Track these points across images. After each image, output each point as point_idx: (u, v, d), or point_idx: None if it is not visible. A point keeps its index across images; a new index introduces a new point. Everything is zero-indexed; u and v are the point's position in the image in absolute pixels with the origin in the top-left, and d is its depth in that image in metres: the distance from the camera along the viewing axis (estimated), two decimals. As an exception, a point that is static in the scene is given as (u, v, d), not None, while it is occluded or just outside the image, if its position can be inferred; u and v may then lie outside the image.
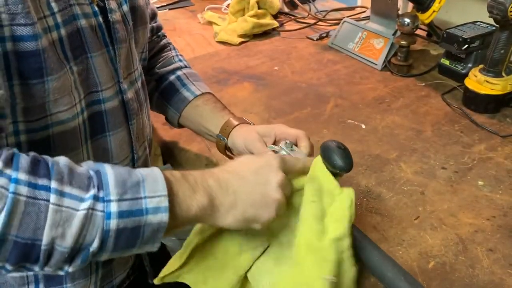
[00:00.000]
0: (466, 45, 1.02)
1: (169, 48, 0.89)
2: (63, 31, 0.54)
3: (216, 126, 0.77)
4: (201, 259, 0.61)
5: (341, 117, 0.98)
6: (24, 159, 0.45)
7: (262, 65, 1.23)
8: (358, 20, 1.35)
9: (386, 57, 1.17)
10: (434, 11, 1.09)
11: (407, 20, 1.08)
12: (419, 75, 1.14)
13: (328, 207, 0.58)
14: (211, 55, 1.31)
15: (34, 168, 0.44)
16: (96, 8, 0.59)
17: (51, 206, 0.43)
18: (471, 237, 0.67)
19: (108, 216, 0.45)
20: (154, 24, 0.87)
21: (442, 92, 1.05)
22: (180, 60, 0.88)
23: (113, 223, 0.45)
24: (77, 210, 0.44)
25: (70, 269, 0.46)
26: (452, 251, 0.65)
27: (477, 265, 0.63)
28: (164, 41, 0.89)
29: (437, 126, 0.94)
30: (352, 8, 1.59)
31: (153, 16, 0.87)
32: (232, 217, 0.52)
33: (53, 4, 0.53)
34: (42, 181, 0.44)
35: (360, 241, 0.61)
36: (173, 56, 0.87)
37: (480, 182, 0.78)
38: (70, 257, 0.45)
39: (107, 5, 0.61)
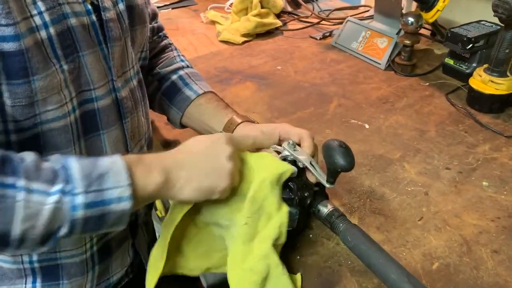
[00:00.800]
0: (471, 45, 1.01)
1: (170, 48, 0.89)
2: (52, 30, 0.54)
3: (219, 124, 0.76)
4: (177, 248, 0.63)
5: (344, 116, 0.98)
6: None
7: (265, 64, 1.23)
8: (361, 19, 1.34)
9: (389, 56, 1.17)
10: (438, 10, 1.09)
11: (411, 19, 1.08)
12: (423, 74, 1.13)
13: (260, 229, 0.60)
14: (214, 54, 1.30)
15: (1, 167, 0.46)
16: (90, 7, 0.59)
17: (20, 203, 0.46)
18: (476, 238, 0.67)
19: (74, 208, 0.47)
20: (155, 25, 0.87)
21: (446, 92, 1.05)
22: (182, 60, 0.87)
23: (80, 214, 0.48)
24: (46, 205, 0.46)
25: (45, 249, 0.49)
26: (456, 252, 0.65)
27: (481, 267, 0.63)
28: (165, 41, 0.89)
29: (441, 126, 0.93)
30: (356, 7, 1.59)
31: (154, 16, 0.86)
32: (189, 189, 0.55)
33: (39, 4, 0.53)
34: (9, 180, 0.46)
35: (363, 242, 0.61)
36: (174, 56, 0.87)
37: (484, 183, 0.77)
38: (41, 241, 0.48)
39: (100, 4, 0.61)
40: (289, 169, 0.61)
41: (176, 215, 0.60)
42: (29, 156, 0.49)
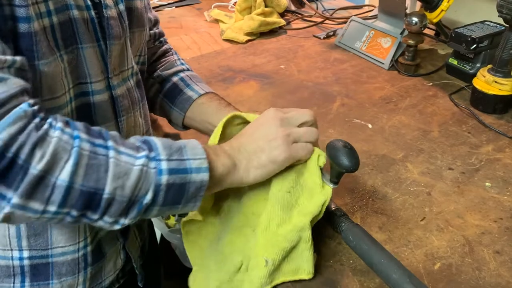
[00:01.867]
0: (475, 45, 1.01)
1: (171, 52, 0.91)
2: (55, 19, 0.55)
3: (221, 121, 0.77)
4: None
5: (347, 116, 0.98)
6: (80, 125, 0.50)
7: (269, 63, 1.23)
8: (365, 19, 1.34)
9: (393, 56, 1.17)
10: (442, 10, 1.09)
11: (415, 19, 1.08)
12: (426, 74, 1.13)
13: (301, 202, 0.62)
14: (218, 53, 1.30)
15: (89, 131, 0.50)
16: (89, 2, 0.60)
17: (111, 160, 0.49)
18: (478, 239, 0.67)
19: (159, 172, 0.51)
20: (156, 31, 0.88)
21: (449, 92, 1.04)
22: (182, 64, 0.88)
23: (164, 179, 0.51)
24: (134, 165, 0.50)
25: (126, 222, 0.52)
26: (458, 252, 0.65)
27: (483, 267, 0.62)
28: (165, 46, 0.90)
29: (444, 126, 0.93)
30: (360, 7, 1.58)
31: (155, 23, 0.88)
32: (252, 169, 0.60)
33: None
34: (98, 141, 0.50)
35: (365, 242, 0.61)
36: (175, 60, 0.88)
37: (487, 184, 0.77)
38: (127, 208, 0.50)
39: (102, 1, 0.61)
40: (324, 154, 0.64)
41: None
42: (109, 132, 0.53)
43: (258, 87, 1.11)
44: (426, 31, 1.20)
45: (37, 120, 0.47)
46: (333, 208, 0.66)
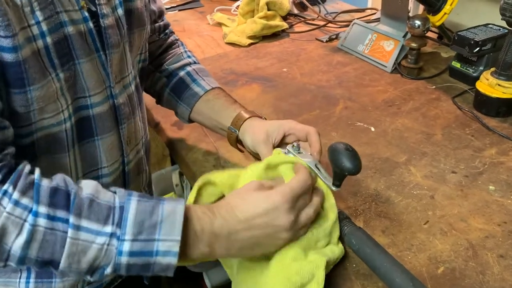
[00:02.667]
0: (478, 48, 1.01)
1: (177, 44, 0.90)
2: (49, 39, 0.54)
3: (227, 119, 0.77)
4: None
5: (350, 119, 0.97)
6: (44, 191, 0.48)
7: (271, 66, 1.23)
8: (368, 22, 1.34)
9: (396, 59, 1.16)
10: (445, 13, 1.09)
11: (417, 22, 1.07)
12: (429, 77, 1.13)
13: (320, 246, 0.62)
14: (220, 56, 1.31)
15: (54, 200, 0.48)
16: (86, 14, 0.59)
17: (68, 239, 0.47)
18: (482, 243, 0.66)
19: (119, 253, 0.49)
20: (161, 23, 0.86)
21: (452, 95, 1.04)
22: (189, 56, 0.88)
23: (124, 259, 0.49)
24: (93, 243, 0.48)
25: (92, 279, 0.51)
26: (462, 256, 0.64)
27: (487, 271, 0.62)
28: (171, 38, 0.89)
29: (447, 129, 0.93)
30: (362, 10, 1.58)
31: (160, 14, 0.86)
32: (238, 254, 0.58)
33: (38, 13, 0.52)
34: (60, 213, 0.48)
35: (368, 245, 0.60)
36: (181, 52, 0.88)
37: (491, 187, 0.77)
38: (86, 274, 0.50)
39: (99, 10, 0.61)
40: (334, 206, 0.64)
41: None
42: (86, 189, 0.50)
43: (260, 90, 1.11)
44: (429, 34, 1.20)
45: None
46: (336, 212, 0.65)
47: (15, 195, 0.47)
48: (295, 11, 1.57)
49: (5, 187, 0.47)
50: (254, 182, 0.58)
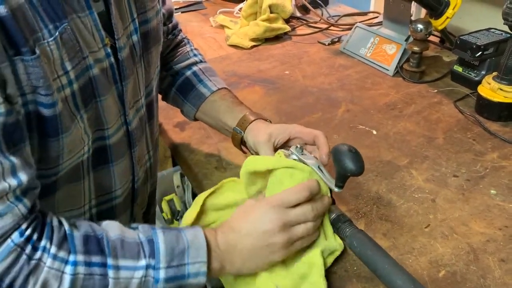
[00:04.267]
0: (480, 52, 1.01)
1: (184, 43, 0.89)
2: (75, 86, 0.54)
3: (233, 120, 0.77)
4: None
5: (352, 122, 0.98)
6: (78, 240, 0.51)
7: (273, 69, 1.23)
8: (370, 25, 1.34)
9: (398, 63, 1.17)
10: (447, 18, 1.09)
11: (420, 26, 1.08)
12: (431, 81, 1.13)
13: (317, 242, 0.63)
14: (223, 58, 1.31)
15: (87, 247, 0.51)
16: (109, 50, 0.59)
17: (110, 280, 0.51)
18: (483, 247, 0.67)
19: (156, 281, 0.53)
20: (170, 25, 0.86)
21: (454, 99, 1.04)
22: (195, 55, 0.87)
23: (160, 286, 0.53)
24: (133, 278, 0.52)
25: None
26: (463, 260, 0.64)
27: (488, 276, 0.62)
28: (179, 37, 0.89)
29: (449, 133, 0.93)
30: (365, 13, 1.59)
31: (169, 16, 0.85)
32: (245, 269, 0.60)
33: (66, 64, 0.52)
34: (95, 258, 0.51)
35: (370, 248, 0.61)
36: (188, 51, 0.87)
37: (492, 191, 0.77)
38: None
39: (117, 44, 0.60)
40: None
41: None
42: (112, 231, 0.53)
43: (263, 93, 1.11)
44: (431, 38, 1.20)
45: (28, 249, 0.48)
46: (338, 214, 0.66)
47: (53, 250, 0.49)
48: (298, 14, 1.58)
49: (42, 243, 0.49)
50: (251, 201, 0.62)
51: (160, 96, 0.86)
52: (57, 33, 0.50)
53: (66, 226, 0.52)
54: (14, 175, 0.48)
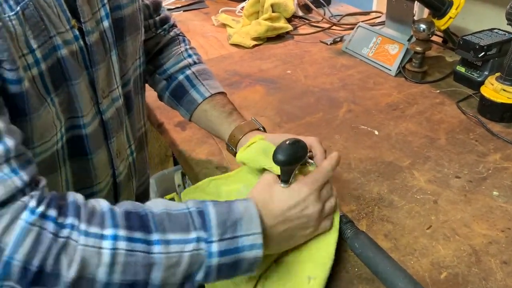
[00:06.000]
0: (483, 53, 1.01)
1: (178, 41, 0.85)
2: (43, 66, 0.53)
3: (224, 134, 0.76)
4: None
5: (353, 122, 0.97)
6: (119, 216, 0.48)
7: (275, 68, 1.23)
8: (372, 25, 1.34)
9: (400, 63, 1.16)
10: (450, 18, 1.08)
11: (422, 26, 1.07)
12: (434, 82, 1.13)
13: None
14: (224, 57, 1.30)
15: (129, 222, 0.48)
16: (77, 32, 0.58)
17: (157, 256, 0.47)
18: (485, 249, 0.66)
19: (210, 255, 0.49)
20: (157, 18, 0.83)
21: (457, 99, 1.04)
22: (190, 56, 0.84)
23: (215, 261, 0.50)
24: (183, 252, 0.48)
25: None
26: (465, 262, 0.64)
27: (490, 278, 0.62)
28: (171, 33, 0.85)
29: (451, 134, 0.92)
30: (367, 13, 1.58)
31: (156, 8, 0.82)
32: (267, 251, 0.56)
33: (32, 42, 0.51)
34: (137, 234, 0.47)
35: (371, 249, 0.60)
36: (182, 51, 0.84)
37: (495, 193, 0.77)
38: (180, 285, 0.50)
39: (84, 28, 0.59)
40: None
41: None
42: (158, 206, 0.51)
43: (264, 92, 1.11)
44: (434, 38, 1.19)
45: (51, 226, 0.44)
46: (339, 215, 0.65)
47: (83, 226, 0.46)
48: (300, 13, 1.57)
49: (69, 220, 0.46)
50: (269, 175, 0.60)
51: (154, 97, 0.84)
52: (18, 7, 0.49)
53: (104, 203, 0.49)
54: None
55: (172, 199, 1.41)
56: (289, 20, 1.48)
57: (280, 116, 1.00)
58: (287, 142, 0.58)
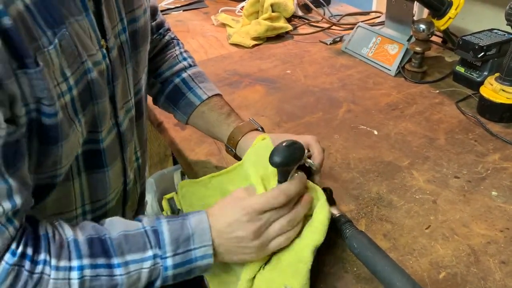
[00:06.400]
0: (482, 53, 1.01)
1: (172, 45, 0.86)
2: (75, 91, 0.53)
3: (223, 135, 0.76)
4: None
5: (353, 122, 0.97)
6: (82, 245, 0.51)
7: (275, 68, 1.23)
8: (372, 25, 1.34)
9: (400, 63, 1.16)
10: (450, 18, 1.08)
11: (422, 26, 1.07)
12: (433, 82, 1.13)
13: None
14: (224, 57, 1.31)
15: (92, 250, 0.51)
16: (105, 51, 0.58)
17: (119, 278, 0.52)
18: (484, 249, 0.66)
19: (166, 268, 0.54)
20: (153, 23, 0.83)
21: (456, 99, 1.04)
22: (185, 59, 0.84)
23: (170, 273, 0.55)
24: (143, 269, 0.53)
25: None
26: (463, 262, 0.64)
27: (489, 278, 0.62)
28: (166, 37, 0.85)
29: (450, 134, 0.92)
30: (367, 13, 1.58)
31: (154, 13, 0.82)
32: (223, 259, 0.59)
33: (66, 70, 0.51)
34: (101, 260, 0.51)
35: (369, 249, 0.60)
36: (176, 55, 0.84)
37: (493, 193, 0.77)
38: None
39: (108, 45, 0.59)
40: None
41: None
42: (116, 228, 0.54)
43: (264, 92, 1.11)
44: (433, 38, 1.19)
45: (27, 264, 0.48)
46: (338, 215, 0.65)
47: (53, 262, 0.49)
48: (300, 13, 1.57)
49: (42, 257, 0.49)
50: (241, 191, 0.60)
51: (150, 98, 0.84)
52: (56, 40, 0.48)
53: (68, 232, 0.52)
54: (10, 198, 0.47)
55: (171, 198, 1.41)
56: (288, 20, 1.48)
57: (279, 115, 1.00)
58: (284, 144, 0.58)
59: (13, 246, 0.48)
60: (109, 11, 0.59)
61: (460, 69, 1.10)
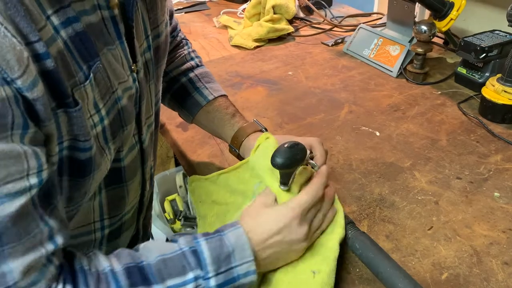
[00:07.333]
0: (484, 54, 1.01)
1: (182, 44, 0.86)
2: (106, 121, 0.52)
3: (227, 136, 0.76)
4: None
5: (355, 123, 0.97)
6: (120, 276, 0.48)
7: (276, 69, 1.23)
8: (374, 26, 1.34)
9: (401, 64, 1.16)
10: (451, 19, 1.09)
11: (424, 28, 1.07)
12: (435, 83, 1.13)
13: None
14: (226, 59, 1.31)
15: (131, 280, 0.48)
16: (135, 75, 0.56)
17: None
18: (486, 250, 0.66)
19: None
20: (170, 27, 0.83)
21: (458, 101, 1.04)
22: (192, 58, 0.85)
23: None
24: None
25: None
26: (466, 263, 0.64)
27: (492, 278, 0.62)
28: (178, 38, 0.86)
29: (452, 135, 0.92)
30: (368, 15, 1.59)
31: (170, 17, 0.81)
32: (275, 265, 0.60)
33: (98, 102, 0.50)
34: None
35: (372, 250, 0.60)
36: (185, 55, 0.84)
37: (496, 194, 0.77)
38: None
39: (137, 67, 0.57)
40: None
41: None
42: (153, 253, 0.51)
43: (266, 93, 1.11)
44: (435, 39, 1.19)
45: None
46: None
47: None
48: (301, 15, 1.58)
49: None
50: (262, 197, 0.61)
51: None
52: (91, 74, 0.47)
53: (104, 263, 0.49)
54: (52, 239, 0.45)
55: (173, 200, 1.41)
56: (290, 22, 1.49)
57: (281, 117, 1.01)
58: (286, 146, 0.58)
59: (53, 285, 0.45)
60: (138, 31, 0.58)
61: (462, 70, 1.10)
